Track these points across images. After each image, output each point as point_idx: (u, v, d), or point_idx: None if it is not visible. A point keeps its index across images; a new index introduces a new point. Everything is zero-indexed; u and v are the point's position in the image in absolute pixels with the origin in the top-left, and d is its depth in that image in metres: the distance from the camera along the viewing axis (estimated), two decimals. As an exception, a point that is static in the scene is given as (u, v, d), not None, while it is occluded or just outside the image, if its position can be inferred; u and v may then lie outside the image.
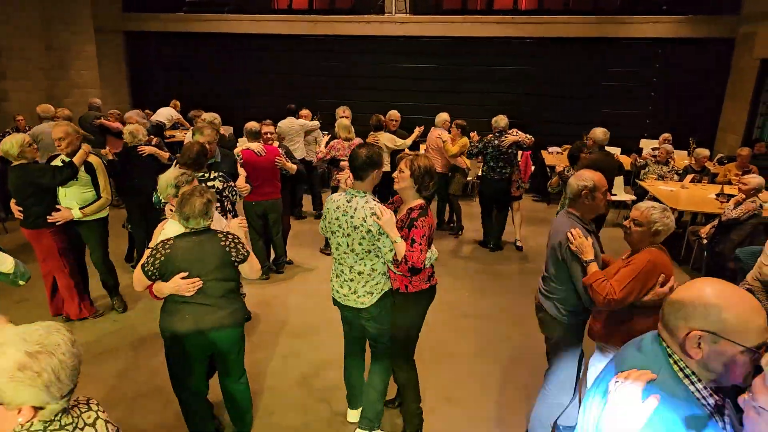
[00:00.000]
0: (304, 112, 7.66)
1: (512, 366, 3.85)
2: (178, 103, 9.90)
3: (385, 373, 2.94)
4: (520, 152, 6.74)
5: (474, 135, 6.92)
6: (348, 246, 2.64)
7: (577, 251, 2.52)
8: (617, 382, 1.14)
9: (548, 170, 8.46)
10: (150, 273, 2.51)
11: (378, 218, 2.50)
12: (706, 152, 7.05)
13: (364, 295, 2.71)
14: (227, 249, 2.59)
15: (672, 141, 8.03)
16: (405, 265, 2.50)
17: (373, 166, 2.60)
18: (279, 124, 7.46)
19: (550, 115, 9.75)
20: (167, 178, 2.97)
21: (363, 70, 10.58)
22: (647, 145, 9.16)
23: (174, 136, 9.66)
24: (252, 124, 5.12)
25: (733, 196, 5.37)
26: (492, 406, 3.38)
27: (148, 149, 4.95)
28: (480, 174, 6.53)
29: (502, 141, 6.00)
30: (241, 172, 4.42)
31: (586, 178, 2.64)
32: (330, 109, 8.02)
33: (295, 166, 5.10)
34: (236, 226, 3.01)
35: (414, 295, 2.73)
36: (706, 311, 1.11)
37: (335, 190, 5.01)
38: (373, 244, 2.57)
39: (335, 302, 2.88)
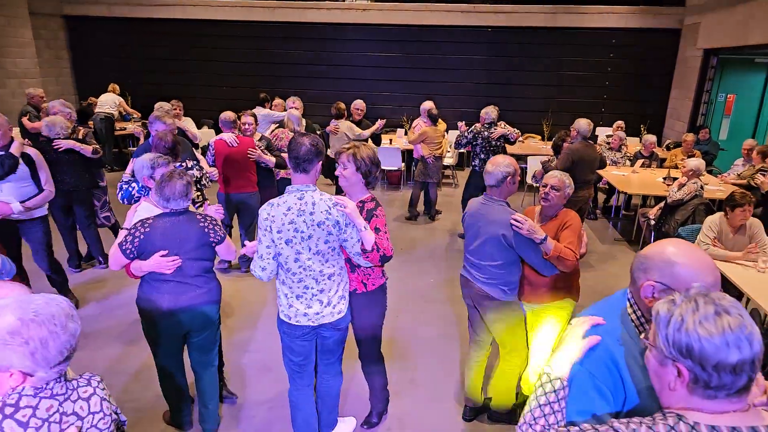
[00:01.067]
0: (278, 101, 7.50)
1: (473, 346, 3.99)
2: (117, 86, 9.45)
3: (337, 385, 2.81)
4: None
5: (462, 125, 6.87)
6: (311, 250, 2.35)
7: (530, 234, 2.62)
8: (571, 324, 1.32)
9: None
10: (128, 252, 2.55)
11: (343, 207, 2.34)
12: (653, 138, 7.40)
13: (339, 302, 2.50)
14: (205, 230, 2.66)
15: (625, 128, 8.38)
16: (377, 254, 2.37)
17: (318, 156, 2.36)
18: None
19: (511, 104, 9.97)
20: (143, 160, 3.02)
21: (324, 59, 10.49)
22: (602, 132, 9.52)
23: (125, 129, 9.34)
24: (228, 114, 4.97)
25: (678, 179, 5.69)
26: (454, 386, 3.50)
27: (65, 143, 4.44)
28: (472, 165, 6.37)
29: (492, 133, 6.02)
30: (201, 160, 4.34)
31: (506, 164, 2.75)
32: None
33: (274, 159, 4.90)
34: (213, 212, 3.11)
35: (374, 293, 2.66)
36: (663, 265, 1.22)
37: (281, 187, 4.89)
38: (340, 238, 2.38)
39: (297, 329, 2.49)
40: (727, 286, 3.65)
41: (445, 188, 8.70)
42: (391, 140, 8.79)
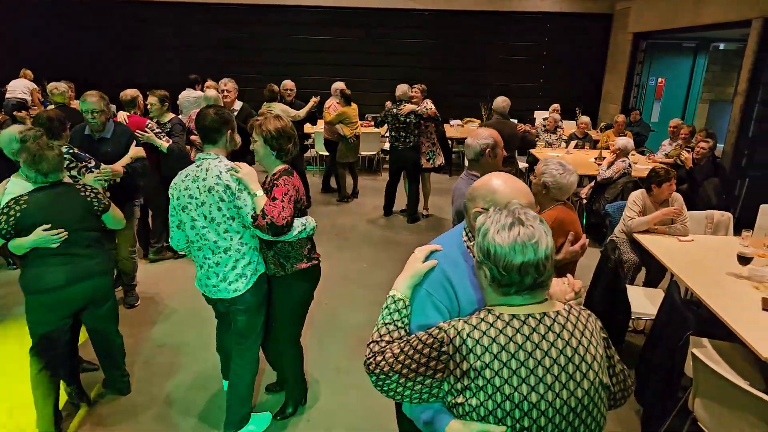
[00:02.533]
0: (210, 83, 7.13)
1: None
2: (29, 72, 8.77)
3: (251, 373, 2.64)
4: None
5: (388, 104, 6.81)
6: (206, 218, 2.33)
7: None
8: (414, 252, 1.47)
9: (449, 143, 8.64)
10: (5, 232, 2.45)
11: (235, 171, 2.31)
12: (586, 119, 7.53)
13: (237, 280, 2.41)
14: (88, 199, 2.63)
15: (561, 111, 8.50)
16: (263, 220, 2.24)
17: (225, 125, 2.38)
18: (179, 96, 6.94)
19: (451, 88, 9.93)
20: (9, 133, 2.90)
21: (261, 41, 10.09)
22: (540, 116, 9.65)
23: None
24: (126, 93, 4.60)
25: (609, 158, 5.77)
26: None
27: None
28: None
29: (401, 110, 6.00)
30: (137, 152, 3.80)
31: (485, 135, 2.59)
32: (239, 83, 7.52)
33: (166, 143, 4.32)
34: (92, 179, 3.04)
35: (292, 277, 2.52)
36: (485, 193, 1.43)
37: None
38: (234, 205, 2.30)
39: (206, 299, 2.59)
40: (651, 261, 3.69)
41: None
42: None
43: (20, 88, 8.29)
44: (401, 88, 6.12)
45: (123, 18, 10.04)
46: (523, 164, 7.88)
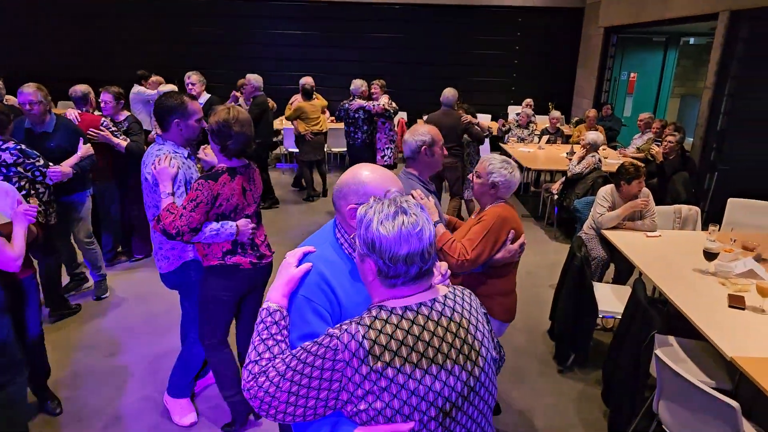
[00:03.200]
0: (155, 78, 6.87)
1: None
2: None
3: (187, 357, 2.72)
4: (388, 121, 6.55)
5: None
6: (146, 198, 2.47)
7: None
8: (285, 257, 1.38)
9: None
10: None
11: (155, 167, 2.31)
12: (558, 114, 7.50)
13: (161, 259, 2.54)
14: None
15: (534, 106, 8.46)
16: (158, 224, 2.23)
17: (170, 113, 2.40)
18: (131, 93, 6.69)
19: (422, 83, 9.81)
20: None
21: (228, 35, 9.81)
22: (514, 111, 9.61)
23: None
24: (77, 89, 4.33)
25: (580, 154, 5.73)
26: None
27: None
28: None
29: (351, 105, 5.91)
30: (86, 150, 3.62)
31: (422, 132, 2.45)
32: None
33: (124, 142, 4.08)
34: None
35: (208, 270, 2.43)
36: (356, 188, 1.35)
37: None
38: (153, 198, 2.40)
39: None
40: (620, 257, 3.63)
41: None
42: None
43: None
44: (355, 83, 6.04)
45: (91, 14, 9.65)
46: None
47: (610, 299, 3.43)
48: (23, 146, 3.19)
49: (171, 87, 4.90)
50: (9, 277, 2.39)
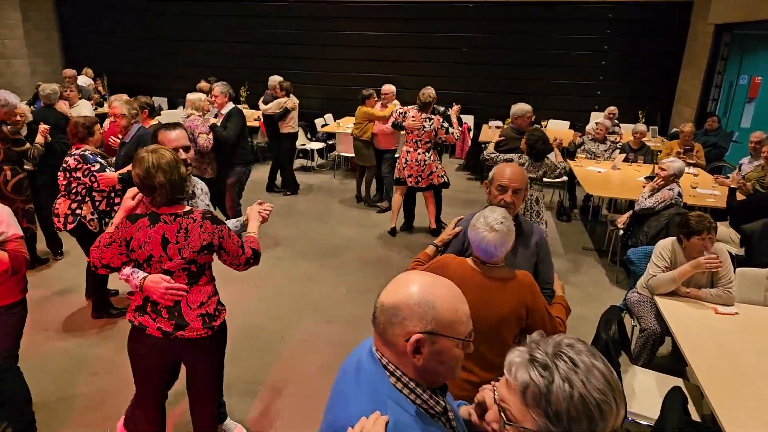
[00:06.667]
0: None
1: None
2: (90, 71, 9.25)
3: None
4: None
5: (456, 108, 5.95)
6: None
7: None
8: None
9: (483, 146, 7.77)
10: None
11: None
12: (642, 128, 6.38)
13: None
14: None
15: (623, 114, 7.33)
16: None
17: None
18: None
19: (494, 86, 8.98)
20: None
21: (299, 37, 9.74)
22: (598, 118, 8.44)
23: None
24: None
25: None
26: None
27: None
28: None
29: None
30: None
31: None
32: (260, 78, 7.45)
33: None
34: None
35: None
36: (421, 310, 1.04)
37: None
38: None
39: None
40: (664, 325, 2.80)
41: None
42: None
43: (83, 83, 8.65)
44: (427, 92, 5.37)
45: (179, 16, 10.17)
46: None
47: (651, 395, 2.63)
48: (89, 152, 3.52)
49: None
50: None
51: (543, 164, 4.03)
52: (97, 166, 3.51)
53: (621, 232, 4.75)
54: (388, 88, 6.32)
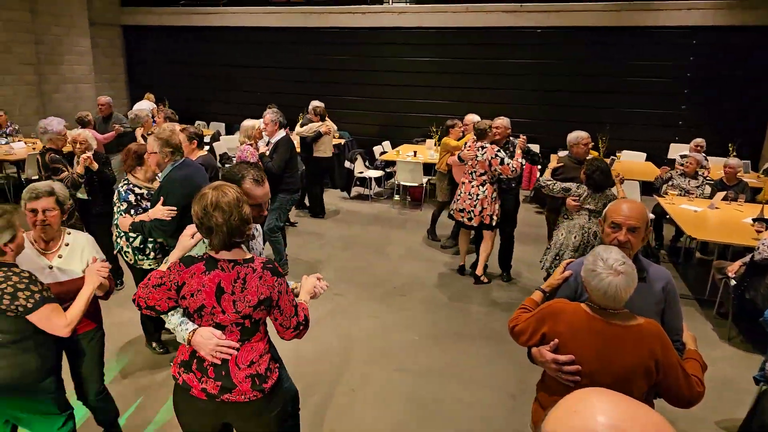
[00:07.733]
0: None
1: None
2: (152, 96, 9.54)
3: None
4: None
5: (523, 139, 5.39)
6: None
7: None
8: None
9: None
10: None
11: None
12: (736, 162, 5.73)
13: None
14: None
15: (708, 147, 6.68)
16: None
17: None
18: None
19: (564, 114, 8.52)
20: None
21: (359, 63, 9.72)
22: (679, 150, 7.78)
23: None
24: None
25: (775, 222, 4.13)
26: None
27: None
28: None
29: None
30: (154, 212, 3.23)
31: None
32: (328, 104, 7.45)
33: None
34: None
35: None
36: None
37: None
38: None
39: None
40: None
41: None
42: (415, 152, 7.78)
43: (145, 108, 8.92)
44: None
45: (235, 44, 10.47)
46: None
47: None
48: (127, 187, 3.32)
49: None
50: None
51: (604, 196, 3.81)
52: (125, 206, 3.25)
53: (733, 282, 4.13)
54: (469, 118, 5.98)
